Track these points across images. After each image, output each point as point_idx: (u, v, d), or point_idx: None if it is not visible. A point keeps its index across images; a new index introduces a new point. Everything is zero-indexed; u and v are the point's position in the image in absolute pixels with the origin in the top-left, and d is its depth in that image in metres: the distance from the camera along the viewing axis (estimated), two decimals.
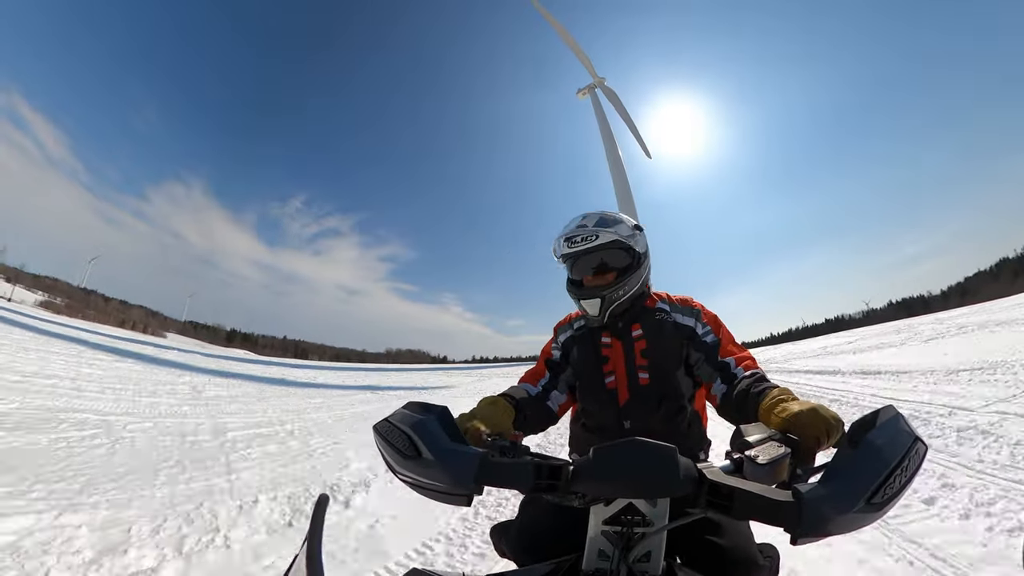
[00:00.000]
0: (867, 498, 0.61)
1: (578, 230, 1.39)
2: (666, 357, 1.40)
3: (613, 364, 1.44)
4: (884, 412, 0.71)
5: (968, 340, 12.35)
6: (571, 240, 1.39)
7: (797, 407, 0.92)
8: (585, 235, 1.37)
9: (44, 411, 5.74)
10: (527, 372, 1.56)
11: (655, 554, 0.81)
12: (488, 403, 1.22)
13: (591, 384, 1.46)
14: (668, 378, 1.39)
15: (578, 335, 1.53)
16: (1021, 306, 19.68)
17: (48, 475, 3.64)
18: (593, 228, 1.38)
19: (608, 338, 1.46)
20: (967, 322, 17.49)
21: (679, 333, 1.42)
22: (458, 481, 0.72)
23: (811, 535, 0.61)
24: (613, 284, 1.39)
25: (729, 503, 0.65)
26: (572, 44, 40.02)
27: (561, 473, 0.73)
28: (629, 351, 1.42)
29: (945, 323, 19.88)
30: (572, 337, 1.55)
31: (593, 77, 40.94)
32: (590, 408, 1.48)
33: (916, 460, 0.65)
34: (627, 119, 40.32)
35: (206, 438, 5.76)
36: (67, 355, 12.16)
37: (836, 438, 0.86)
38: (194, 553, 2.73)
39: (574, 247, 1.38)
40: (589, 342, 1.49)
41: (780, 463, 0.75)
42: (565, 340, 1.56)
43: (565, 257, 1.43)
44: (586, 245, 1.37)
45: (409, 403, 0.85)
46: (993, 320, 15.87)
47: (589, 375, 1.46)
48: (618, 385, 1.42)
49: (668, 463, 0.67)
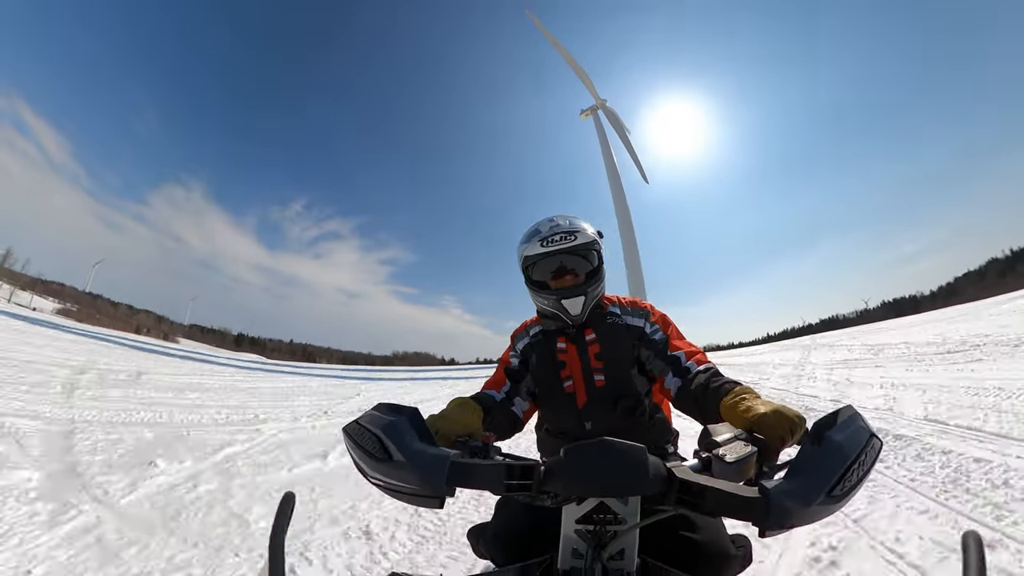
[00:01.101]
0: (827, 491, 0.65)
1: (553, 231, 1.42)
2: (619, 358, 1.45)
3: (569, 369, 1.48)
4: (843, 411, 0.75)
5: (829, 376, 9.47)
6: (549, 240, 1.41)
7: (762, 408, 0.94)
8: (562, 234, 1.41)
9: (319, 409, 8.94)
10: (487, 381, 1.55)
11: (628, 551, 0.83)
12: (458, 404, 1.21)
13: (550, 389, 1.50)
14: (622, 378, 1.44)
15: (535, 341, 1.56)
16: (963, 316, 17.99)
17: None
18: (569, 228, 1.42)
19: (563, 343, 1.50)
20: (883, 343, 14.15)
21: (630, 334, 1.46)
22: (429, 483, 0.71)
23: (777, 528, 0.64)
24: (587, 283, 1.43)
25: (699, 500, 0.67)
26: (575, 67, 42.62)
27: (533, 473, 0.73)
28: (584, 355, 1.47)
29: (857, 340, 17.17)
30: (530, 344, 1.57)
31: (595, 99, 43.69)
32: (551, 412, 1.55)
33: (872, 454, 0.70)
34: (627, 144, 43.20)
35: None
36: (193, 370, 15.09)
37: (799, 436, 0.88)
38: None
39: (552, 246, 1.41)
40: (545, 348, 1.52)
41: (747, 461, 0.78)
42: (523, 347, 1.58)
43: (538, 257, 1.45)
44: (564, 244, 1.41)
45: (379, 404, 0.84)
46: (912, 344, 12.26)
47: (547, 380, 1.50)
48: (576, 388, 1.46)
49: (638, 462, 0.68)
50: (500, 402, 1.44)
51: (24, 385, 7.18)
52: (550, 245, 1.41)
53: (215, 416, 7.19)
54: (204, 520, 3.13)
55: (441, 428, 1.04)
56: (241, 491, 3.79)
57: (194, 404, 8.17)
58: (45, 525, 2.79)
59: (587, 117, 44.61)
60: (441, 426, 1.05)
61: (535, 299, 1.52)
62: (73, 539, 2.66)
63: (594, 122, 43.81)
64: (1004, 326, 12.42)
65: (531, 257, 1.46)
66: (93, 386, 8.30)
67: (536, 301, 1.53)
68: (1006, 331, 11.36)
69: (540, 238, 1.42)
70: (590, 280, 1.44)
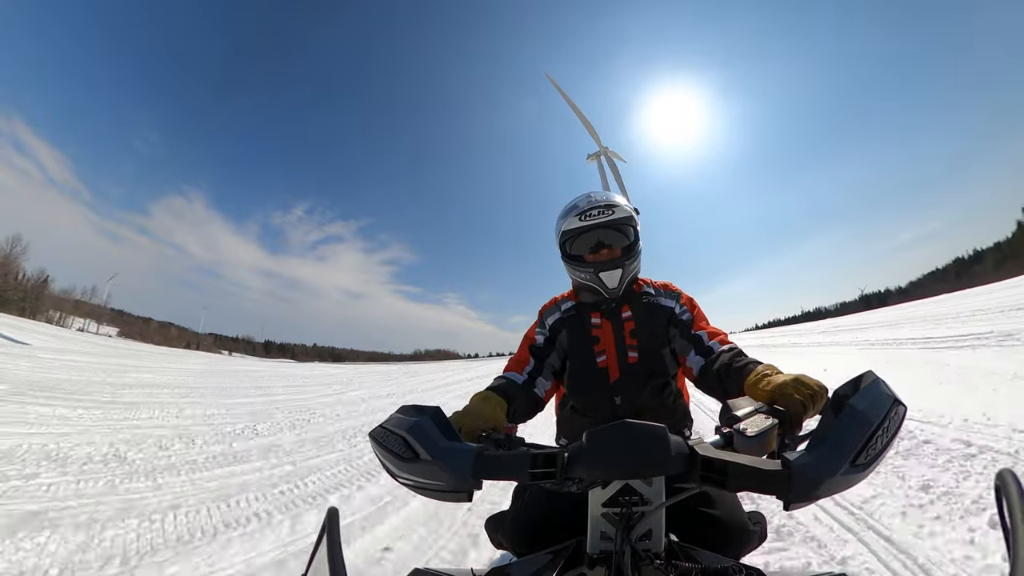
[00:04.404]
0: (851, 460, 0.63)
1: (591, 205, 1.43)
2: (653, 336, 1.46)
3: (604, 344, 1.48)
4: (865, 377, 0.73)
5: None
6: (587, 214, 1.42)
7: (781, 379, 0.95)
8: (600, 208, 1.42)
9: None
10: (510, 360, 1.54)
11: (656, 531, 0.83)
12: (480, 399, 1.21)
13: (582, 363, 1.49)
14: (655, 356, 1.45)
15: (567, 317, 1.56)
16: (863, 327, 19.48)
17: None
18: (607, 203, 1.43)
19: (598, 319, 1.50)
20: (796, 342, 17.26)
21: (663, 314, 1.49)
22: (457, 478, 0.73)
23: (802, 500, 0.63)
24: (624, 257, 1.44)
25: (723, 476, 0.66)
26: (581, 116, 50.24)
27: (557, 460, 0.73)
28: (619, 331, 1.47)
29: (784, 339, 20.11)
30: (561, 319, 1.57)
31: (599, 146, 52.24)
32: (580, 388, 1.52)
33: (896, 421, 0.68)
34: (621, 187, 51.73)
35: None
36: (332, 370, 26.09)
37: (820, 405, 0.87)
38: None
39: (590, 220, 1.42)
40: (579, 323, 1.53)
41: (768, 434, 0.78)
42: (553, 323, 1.57)
43: (577, 231, 1.46)
44: (603, 218, 1.42)
45: (402, 407, 0.86)
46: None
47: (580, 354, 1.50)
48: (608, 364, 1.46)
49: (660, 442, 0.68)
50: (523, 385, 1.43)
51: (325, 384, 15.93)
52: (588, 219, 1.43)
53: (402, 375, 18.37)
54: (408, 379, 17.00)
55: (464, 424, 1.04)
56: (428, 383, 15.79)
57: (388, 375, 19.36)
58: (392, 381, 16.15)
59: (592, 161, 53.38)
60: (464, 422, 1.05)
61: (572, 272, 1.54)
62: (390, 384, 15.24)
63: (598, 167, 52.75)
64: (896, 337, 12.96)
65: (569, 231, 1.48)
66: (356, 379, 18.89)
67: (573, 275, 1.54)
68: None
69: (578, 212, 1.44)
70: (627, 254, 1.46)
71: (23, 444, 4.47)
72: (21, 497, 3.22)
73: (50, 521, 2.87)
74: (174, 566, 2.45)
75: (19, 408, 6.15)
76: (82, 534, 2.74)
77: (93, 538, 2.71)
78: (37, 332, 29.24)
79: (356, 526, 3.04)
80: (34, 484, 3.49)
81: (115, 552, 2.57)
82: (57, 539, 2.65)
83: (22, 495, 3.26)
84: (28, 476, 3.65)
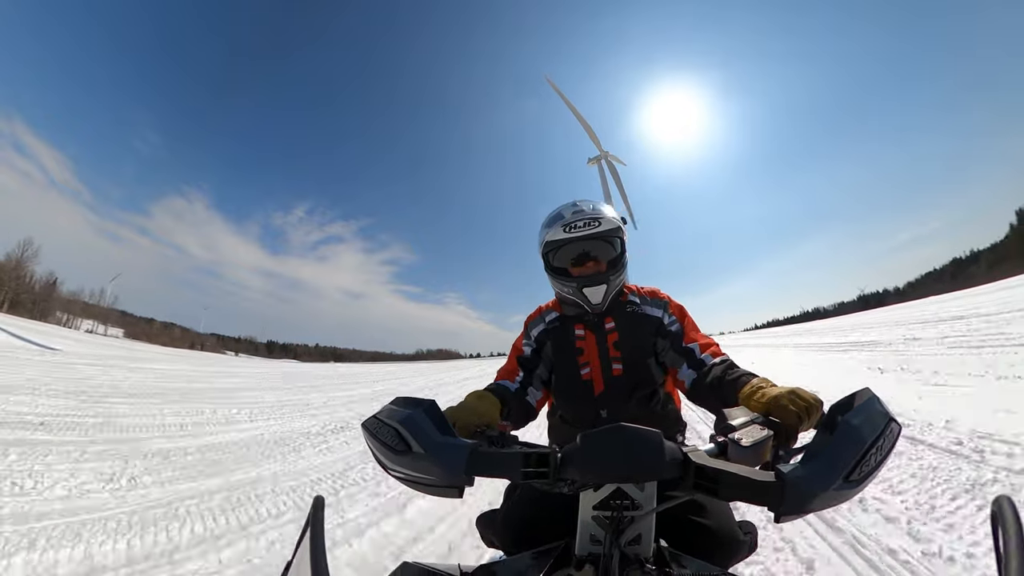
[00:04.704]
0: (845, 476, 0.63)
1: (576, 216, 1.39)
2: (638, 348, 1.43)
3: (588, 356, 1.45)
4: (860, 394, 0.73)
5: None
6: (572, 226, 1.38)
7: (776, 391, 0.94)
8: (586, 220, 1.37)
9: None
10: (500, 370, 1.52)
11: (645, 536, 0.83)
12: (475, 396, 1.22)
13: (567, 376, 1.48)
14: (640, 367, 1.42)
15: (551, 328, 1.54)
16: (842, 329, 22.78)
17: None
18: (593, 214, 1.38)
19: (581, 330, 1.48)
20: (778, 343, 21.59)
21: (649, 324, 1.45)
22: (449, 473, 0.72)
23: (793, 513, 0.63)
24: (609, 271, 1.41)
25: (715, 485, 0.66)
26: (582, 120, 50.39)
27: (550, 460, 0.73)
28: (603, 343, 1.45)
29: (770, 340, 25.01)
30: (545, 331, 1.55)
31: (599, 150, 52.97)
32: (566, 400, 1.50)
33: (891, 439, 0.68)
34: (621, 191, 53.18)
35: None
36: (348, 368, 29.63)
37: (816, 419, 0.88)
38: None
39: (575, 232, 1.38)
40: (563, 335, 1.50)
41: (763, 445, 0.78)
42: (538, 334, 1.55)
43: (560, 243, 1.42)
44: (588, 231, 1.37)
45: (396, 399, 0.85)
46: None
47: (564, 367, 1.48)
48: (593, 376, 1.44)
49: (655, 447, 0.68)
50: (515, 392, 1.42)
51: (380, 379, 19.93)
52: (573, 231, 1.39)
53: (411, 373, 22.07)
54: (436, 373, 24.02)
55: (459, 419, 1.04)
56: (444, 376, 21.75)
57: (393, 373, 23.14)
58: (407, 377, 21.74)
59: (593, 165, 54.46)
60: (459, 417, 1.04)
61: (555, 285, 1.51)
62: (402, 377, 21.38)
63: (598, 170, 54.01)
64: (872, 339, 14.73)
65: (553, 242, 1.44)
66: (398, 373, 22.07)
67: (556, 287, 1.51)
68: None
69: (563, 223, 1.40)
70: (612, 268, 1.43)
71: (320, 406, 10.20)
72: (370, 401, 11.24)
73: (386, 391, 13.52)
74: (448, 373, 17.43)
75: (285, 395, 12.02)
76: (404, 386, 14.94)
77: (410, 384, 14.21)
78: (59, 336, 30.56)
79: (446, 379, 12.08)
80: (357, 400, 11.40)
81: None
82: (398, 383, 15.91)
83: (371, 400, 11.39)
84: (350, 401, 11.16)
